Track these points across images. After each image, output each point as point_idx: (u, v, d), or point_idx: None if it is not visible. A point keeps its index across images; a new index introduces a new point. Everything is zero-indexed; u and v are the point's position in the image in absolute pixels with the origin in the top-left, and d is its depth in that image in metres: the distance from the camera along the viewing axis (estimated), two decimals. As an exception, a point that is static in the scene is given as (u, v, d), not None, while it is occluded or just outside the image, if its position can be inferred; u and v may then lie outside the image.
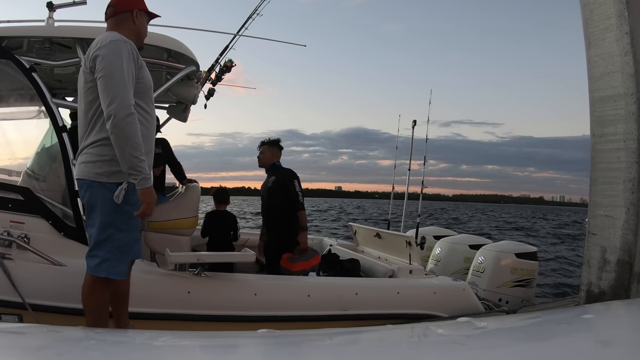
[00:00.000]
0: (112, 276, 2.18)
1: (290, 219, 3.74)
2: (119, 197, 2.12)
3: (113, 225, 2.17)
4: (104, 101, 2.05)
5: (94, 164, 2.17)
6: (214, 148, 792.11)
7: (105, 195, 2.15)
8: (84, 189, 2.23)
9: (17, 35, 2.84)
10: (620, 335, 1.57)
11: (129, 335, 1.82)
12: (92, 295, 2.22)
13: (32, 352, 1.22)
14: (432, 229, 5.75)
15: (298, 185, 3.79)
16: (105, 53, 2.08)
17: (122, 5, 2.30)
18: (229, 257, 3.35)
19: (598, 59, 3.11)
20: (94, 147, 2.18)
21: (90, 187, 2.19)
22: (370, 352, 1.42)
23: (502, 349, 1.40)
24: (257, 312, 2.88)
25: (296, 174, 3.90)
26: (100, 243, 2.17)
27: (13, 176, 3.56)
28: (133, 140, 2.05)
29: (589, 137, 3.20)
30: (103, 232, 2.16)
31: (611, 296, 2.96)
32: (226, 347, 1.46)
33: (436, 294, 3.35)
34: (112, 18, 2.30)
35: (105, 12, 2.33)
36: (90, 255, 2.20)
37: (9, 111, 3.52)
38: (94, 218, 2.19)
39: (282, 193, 3.80)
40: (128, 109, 2.04)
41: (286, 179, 3.84)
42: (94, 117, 2.17)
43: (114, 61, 2.07)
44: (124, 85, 2.06)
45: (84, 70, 2.19)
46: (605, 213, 3.06)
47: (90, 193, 2.20)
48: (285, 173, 3.91)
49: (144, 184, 2.10)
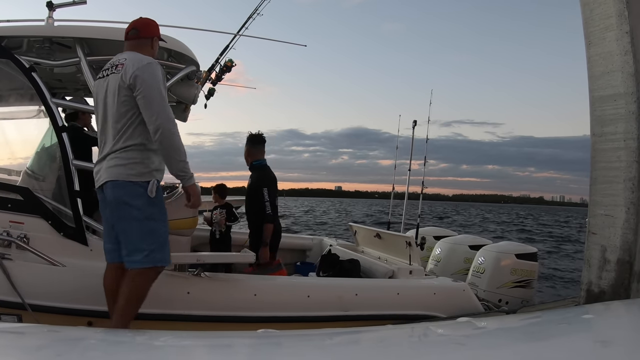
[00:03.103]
0: (160, 263, 2.38)
1: None
2: (153, 191, 2.35)
3: (152, 218, 2.36)
4: (150, 117, 2.31)
5: (125, 167, 2.34)
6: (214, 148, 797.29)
7: (139, 192, 2.33)
8: (114, 189, 2.33)
9: (17, 34, 2.84)
10: (620, 335, 1.57)
11: (129, 335, 1.82)
12: (140, 288, 2.34)
13: (31, 352, 1.21)
14: (432, 230, 5.74)
15: (267, 193, 3.62)
16: (147, 76, 2.33)
17: (146, 32, 2.55)
18: (228, 257, 3.35)
19: (598, 58, 3.11)
20: (125, 151, 2.35)
21: (124, 186, 2.32)
22: (370, 352, 1.42)
23: (502, 349, 1.40)
24: (257, 313, 2.87)
25: (269, 179, 3.72)
26: (144, 236, 2.33)
27: (13, 176, 3.56)
28: (178, 148, 2.36)
29: (589, 137, 3.20)
30: (145, 225, 2.34)
31: (611, 295, 2.96)
32: (226, 347, 1.46)
33: (436, 295, 3.35)
34: (134, 40, 2.52)
35: (128, 32, 2.54)
36: (135, 249, 2.32)
37: (8, 111, 3.52)
38: (126, 216, 2.33)
39: (254, 198, 3.68)
40: (172, 123, 2.35)
41: (258, 185, 3.70)
42: (126, 125, 2.35)
43: (154, 83, 2.34)
44: (164, 103, 2.35)
45: (120, 84, 2.33)
46: (605, 212, 3.06)
47: (124, 191, 2.32)
48: (259, 177, 3.76)
49: (190, 181, 2.43)
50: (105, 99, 2.40)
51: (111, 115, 2.37)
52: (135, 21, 2.58)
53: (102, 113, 2.43)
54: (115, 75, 2.36)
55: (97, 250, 2.72)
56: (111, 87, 2.38)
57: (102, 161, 2.40)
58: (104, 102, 2.41)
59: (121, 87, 2.33)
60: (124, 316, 2.33)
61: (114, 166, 2.34)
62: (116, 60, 2.44)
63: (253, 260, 3.13)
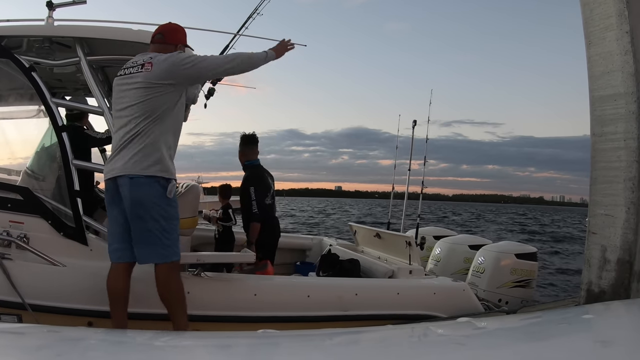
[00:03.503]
0: (178, 257, 2.50)
1: None
2: (171, 193, 2.45)
3: (175, 217, 2.49)
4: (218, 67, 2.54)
5: (142, 162, 2.37)
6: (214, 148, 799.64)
7: (159, 191, 2.40)
8: (133, 186, 2.35)
9: (17, 34, 2.83)
10: (620, 335, 1.57)
11: (129, 335, 1.82)
12: (175, 280, 2.46)
13: (31, 352, 1.22)
14: (432, 229, 5.75)
15: (254, 192, 3.65)
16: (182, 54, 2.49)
17: (171, 39, 2.60)
18: (228, 257, 3.34)
19: (598, 58, 3.10)
20: (145, 148, 2.38)
21: (143, 184, 2.36)
22: (370, 352, 1.42)
23: (502, 349, 1.40)
24: (257, 313, 2.87)
25: (256, 178, 3.75)
26: (168, 232, 2.42)
27: (12, 176, 3.56)
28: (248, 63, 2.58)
29: (590, 137, 3.20)
30: (170, 222, 2.44)
31: (611, 295, 2.96)
32: (226, 348, 1.46)
33: (436, 295, 3.35)
34: (158, 44, 2.57)
35: (154, 35, 2.60)
36: (155, 244, 2.39)
37: (8, 111, 3.51)
38: (152, 214, 2.38)
39: (243, 198, 3.73)
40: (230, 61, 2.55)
41: (245, 185, 3.73)
42: (148, 121, 2.38)
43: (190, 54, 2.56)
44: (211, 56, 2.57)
45: (145, 80, 2.38)
46: (605, 212, 3.05)
47: (145, 188, 2.37)
48: (247, 177, 3.80)
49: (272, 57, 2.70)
50: (128, 96, 2.41)
51: (133, 111, 2.38)
52: (163, 26, 2.63)
53: (123, 109, 2.43)
54: (145, 73, 2.39)
55: (97, 250, 2.72)
56: (137, 84, 2.40)
57: (117, 155, 2.41)
58: (125, 99, 2.42)
59: (151, 83, 2.38)
60: (181, 316, 2.45)
61: (134, 161, 2.36)
62: (140, 60, 2.46)
63: (253, 260, 3.13)
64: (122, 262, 2.46)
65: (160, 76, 2.39)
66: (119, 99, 2.48)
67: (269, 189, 3.85)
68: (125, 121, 2.41)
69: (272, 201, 3.91)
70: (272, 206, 3.90)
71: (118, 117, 2.47)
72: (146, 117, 2.38)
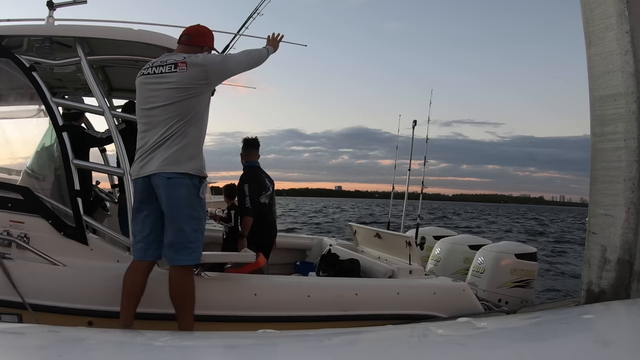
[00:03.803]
0: (200, 260, 2.52)
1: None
2: (204, 193, 2.49)
3: (204, 218, 2.53)
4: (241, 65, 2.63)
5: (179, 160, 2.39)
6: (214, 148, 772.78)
7: (193, 192, 2.44)
8: (170, 187, 2.37)
9: (17, 34, 2.83)
10: (620, 335, 1.57)
11: (129, 335, 1.82)
12: (190, 282, 2.48)
13: (32, 352, 1.22)
14: (432, 229, 5.75)
15: (248, 189, 3.79)
16: (214, 54, 2.64)
17: (198, 40, 2.62)
18: (229, 257, 3.34)
19: (598, 58, 3.10)
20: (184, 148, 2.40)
21: (180, 183, 2.38)
22: (370, 352, 1.42)
23: (502, 349, 1.40)
24: (257, 313, 2.87)
25: (251, 177, 3.89)
26: (196, 234, 2.45)
27: (13, 175, 3.56)
28: (257, 60, 2.70)
29: (590, 136, 3.20)
30: (199, 223, 2.48)
31: (611, 295, 2.96)
32: (226, 348, 1.46)
33: (436, 295, 3.35)
34: (185, 45, 2.59)
35: (181, 36, 2.63)
36: (186, 247, 2.41)
37: (8, 110, 3.51)
38: (187, 214, 2.42)
39: (239, 196, 3.89)
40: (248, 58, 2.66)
41: (241, 181, 3.90)
42: (183, 121, 2.40)
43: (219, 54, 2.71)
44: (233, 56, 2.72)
45: (180, 80, 2.39)
46: (605, 212, 3.06)
47: (182, 188, 2.40)
48: (243, 175, 3.97)
49: (272, 51, 2.84)
50: (160, 95, 2.41)
51: (167, 112, 2.39)
52: (190, 27, 2.64)
53: (153, 109, 2.43)
54: (180, 73, 2.39)
55: (97, 249, 2.72)
56: (171, 84, 2.40)
57: (150, 154, 2.40)
58: (157, 98, 2.42)
59: (187, 83, 2.39)
60: (188, 317, 2.45)
61: (170, 160, 2.37)
62: (171, 59, 2.45)
63: (253, 260, 3.14)
64: (145, 260, 2.49)
65: (198, 76, 2.42)
66: (147, 98, 2.47)
67: (264, 188, 3.92)
68: (157, 121, 2.42)
69: (269, 201, 3.96)
70: (268, 206, 3.96)
71: (147, 116, 2.46)
72: (181, 118, 2.40)
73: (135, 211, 2.53)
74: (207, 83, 2.47)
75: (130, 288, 2.44)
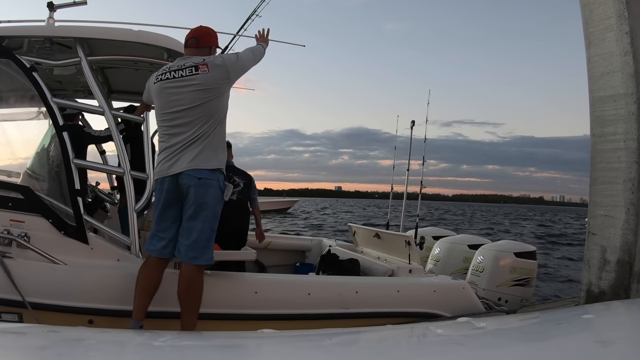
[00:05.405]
0: (213, 260, 2.56)
1: None
2: (227, 195, 2.60)
3: (219, 217, 2.57)
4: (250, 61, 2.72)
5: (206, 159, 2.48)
6: None
7: (218, 194, 2.53)
8: (199, 187, 2.44)
9: (18, 35, 2.83)
10: (620, 335, 1.58)
11: (129, 335, 1.82)
12: (200, 281, 2.50)
13: (32, 352, 1.22)
14: (431, 230, 5.75)
15: None
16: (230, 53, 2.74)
17: (205, 42, 2.68)
18: (229, 255, 3.35)
19: (598, 59, 3.11)
20: (210, 148, 2.50)
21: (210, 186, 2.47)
22: (370, 352, 1.42)
23: (502, 349, 1.40)
24: (258, 311, 2.87)
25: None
26: (213, 234, 2.53)
27: (13, 177, 3.56)
28: (260, 55, 2.83)
29: (589, 137, 3.20)
30: (215, 223, 2.54)
31: (611, 296, 2.97)
32: (226, 347, 1.46)
33: (436, 293, 3.35)
34: (193, 48, 2.65)
35: (187, 40, 2.67)
36: (204, 246, 2.48)
37: (9, 111, 3.51)
38: (210, 214, 2.48)
39: None
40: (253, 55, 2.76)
41: None
42: (209, 123, 2.48)
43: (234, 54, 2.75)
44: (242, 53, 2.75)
45: (205, 82, 2.47)
46: (605, 213, 3.06)
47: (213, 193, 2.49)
48: None
49: (266, 47, 2.92)
50: (185, 98, 2.46)
51: (193, 114, 2.46)
52: (195, 30, 2.70)
53: (177, 112, 2.48)
54: (202, 75, 2.46)
55: (97, 248, 2.73)
56: (195, 86, 2.46)
57: (177, 155, 2.46)
58: (181, 101, 2.47)
59: (211, 84, 2.47)
60: (193, 316, 2.49)
61: (200, 158, 2.45)
62: (189, 62, 2.51)
63: (253, 258, 3.14)
64: (161, 257, 2.53)
65: (221, 76, 2.51)
66: (170, 102, 2.51)
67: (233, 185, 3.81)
68: (184, 122, 2.47)
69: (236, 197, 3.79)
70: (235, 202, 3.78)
71: (171, 119, 2.51)
72: (208, 118, 2.48)
73: (160, 209, 2.56)
74: (229, 82, 2.58)
75: (145, 284, 2.49)
